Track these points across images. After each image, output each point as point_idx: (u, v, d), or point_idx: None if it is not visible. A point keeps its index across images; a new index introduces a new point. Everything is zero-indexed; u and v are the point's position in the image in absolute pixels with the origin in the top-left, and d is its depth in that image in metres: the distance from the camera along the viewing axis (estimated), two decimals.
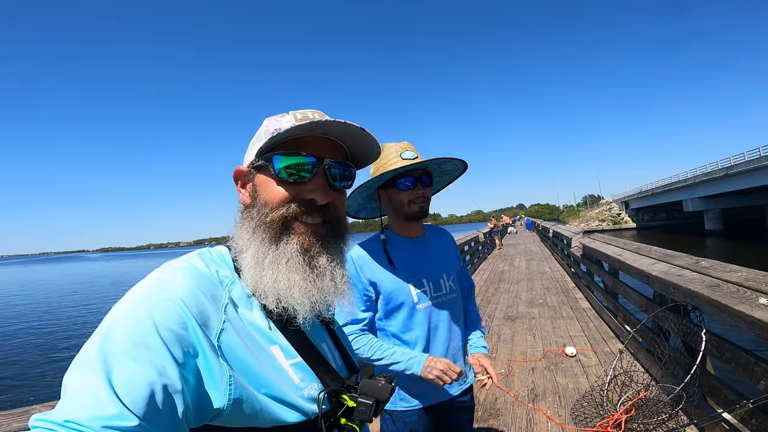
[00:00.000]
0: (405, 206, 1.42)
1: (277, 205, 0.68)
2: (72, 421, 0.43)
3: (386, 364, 1.37)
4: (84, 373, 0.47)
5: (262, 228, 0.67)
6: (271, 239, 0.67)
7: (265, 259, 0.66)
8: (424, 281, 1.45)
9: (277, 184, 0.68)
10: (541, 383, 3.52)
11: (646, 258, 3.63)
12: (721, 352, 2.21)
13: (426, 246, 1.52)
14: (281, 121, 0.70)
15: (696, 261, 2.88)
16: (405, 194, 1.41)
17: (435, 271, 1.48)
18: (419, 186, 1.40)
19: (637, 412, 2.56)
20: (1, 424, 1.09)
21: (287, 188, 0.68)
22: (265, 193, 0.69)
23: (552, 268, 10.88)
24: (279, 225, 0.67)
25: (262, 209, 0.68)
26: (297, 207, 0.68)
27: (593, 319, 5.46)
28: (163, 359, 0.50)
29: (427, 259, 1.49)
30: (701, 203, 37.81)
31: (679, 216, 48.41)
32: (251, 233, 0.68)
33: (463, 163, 1.49)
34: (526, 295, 7.54)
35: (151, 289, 0.56)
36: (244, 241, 0.68)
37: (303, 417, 0.63)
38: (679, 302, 2.69)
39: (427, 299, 1.43)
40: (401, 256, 1.45)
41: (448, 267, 1.54)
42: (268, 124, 0.72)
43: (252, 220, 0.69)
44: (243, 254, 0.68)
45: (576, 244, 7.82)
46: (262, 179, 0.70)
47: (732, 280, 2.19)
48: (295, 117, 0.70)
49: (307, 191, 0.69)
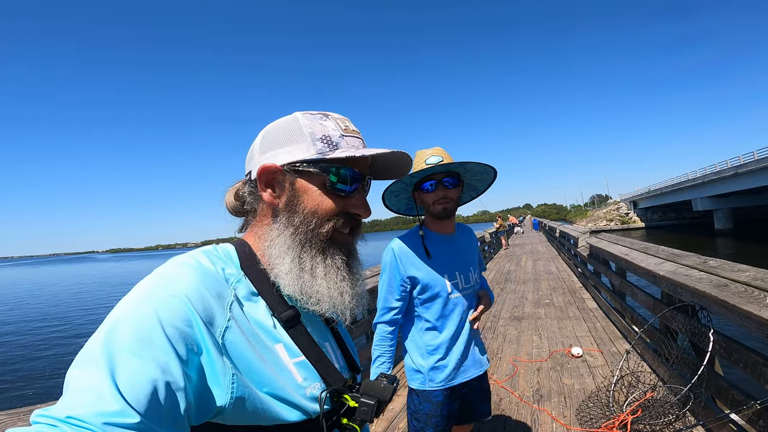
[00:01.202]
0: (430, 206, 1.58)
1: (327, 216, 0.69)
2: (73, 416, 0.43)
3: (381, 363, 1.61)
4: (87, 369, 0.47)
5: (308, 237, 0.68)
6: (319, 249, 0.68)
7: (316, 269, 0.68)
8: (457, 274, 1.61)
9: (326, 195, 0.69)
10: (546, 384, 3.50)
11: (654, 258, 3.59)
12: (729, 353, 2.18)
13: (457, 242, 1.67)
14: (326, 127, 0.70)
15: (704, 260, 2.84)
16: (429, 196, 1.57)
17: (465, 265, 1.65)
18: (440, 188, 1.55)
19: (644, 413, 2.53)
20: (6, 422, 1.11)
21: (336, 201, 0.69)
22: (313, 202, 0.68)
23: (559, 268, 10.80)
24: (328, 237, 0.69)
25: (309, 218, 0.68)
26: (343, 220, 0.71)
27: (600, 320, 5.41)
28: (166, 356, 0.50)
29: (458, 254, 1.64)
30: (711, 202, 37.35)
31: (688, 215, 47.87)
32: (291, 239, 0.68)
33: (489, 166, 1.60)
34: (532, 295, 7.49)
35: (156, 285, 0.56)
36: (281, 246, 0.68)
37: (304, 416, 0.63)
38: (687, 302, 2.66)
39: (459, 290, 1.59)
40: (436, 250, 1.60)
41: (474, 261, 1.71)
42: (310, 126, 0.70)
43: (292, 227, 0.68)
44: (279, 259, 0.67)
45: (583, 243, 7.75)
46: (306, 186, 0.69)
47: (740, 280, 2.16)
48: (338, 125, 0.71)
49: (351, 205, 0.71)
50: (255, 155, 0.72)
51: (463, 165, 1.56)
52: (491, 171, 1.64)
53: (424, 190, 1.56)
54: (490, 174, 1.66)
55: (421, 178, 1.56)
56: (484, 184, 1.73)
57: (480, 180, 1.70)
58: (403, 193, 1.66)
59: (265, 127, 0.74)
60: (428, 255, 1.56)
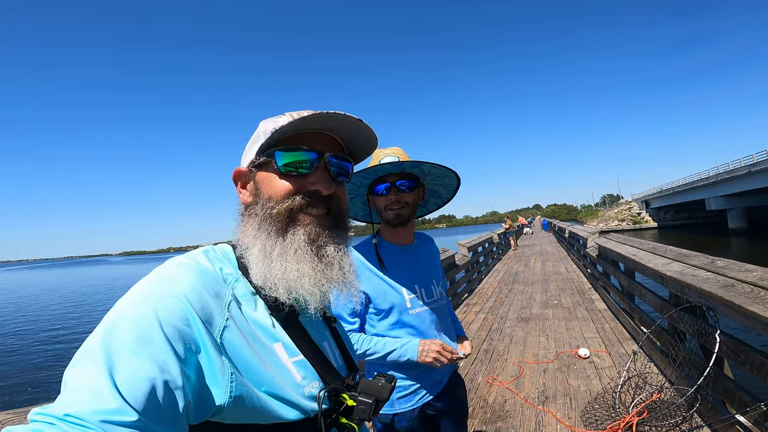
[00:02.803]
0: (382, 212, 1.41)
1: (282, 198, 0.68)
2: (71, 414, 0.43)
3: (381, 355, 1.35)
4: (85, 367, 0.47)
5: (268, 221, 0.68)
6: (277, 231, 0.67)
7: (273, 252, 0.66)
8: (416, 287, 1.44)
9: (280, 178, 0.69)
10: (552, 385, 3.47)
11: (661, 258, 3.54)
12: (736, 354, 2.15)
13: (416, 253, 1.51)
14: (278, 122, 0.71)
15: (712, 261, 2.80)
16: (381, 199, 1.40)
17: (426, 277, 1.48)
18: (394, 191, 1.38)
19: (650, 414, 2.50)
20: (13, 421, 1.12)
21: (291, 181, 0.69)
22: (269, 188, 0.69)
23: (568, 268, 10.70)
24: (285, 217, 0.68)
25: (267, 203, 0.69)
26: (302, 199, 0.69)
27: (609, 321, 5.35)
28: (165, 355, 0.50)
29: (417, 266, 1.48)
30: (724, 202, 36.70)
31: (701, 215, 47.07)
32: (257, 229, 0.68)
33: (449, 169, 1.42)
34: (540, 296, 7.44)
35: (155, 285, 0.56)
36: (250, 238, 0.69)
37: (303, 415, 0.64)
38: (694, 303, 2.62)
39: (420, 304, 1.43)
40: (392, 261, 1.43)
41: (436, 274, 1.54)
42: (265, 125, 0.73)
43: (256, 216, 0.69)
44: (249, 251, 0.68)
45: (592, 244, 7.68)
46: (264, 176, 0.71)
47: (747, 280, 2.12)
48: (291, 116, 0.71)
49: (310, 183, 0.70)
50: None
51: (420, 166, 1.38)
52: (452, 175, 1.46)
53: (377, 193, 1.40)
54: (452, 179, 1.48)
55: (375, 180, 1.40)
56: (449, 190, 1.55)
57: (442, 185, 1.53)
58: (358, 196, 1.48)
59: None
60: (382, 266, 1.40)
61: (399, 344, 1.35)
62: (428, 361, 1.33)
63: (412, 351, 1.34)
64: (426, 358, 1.33)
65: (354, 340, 1.36)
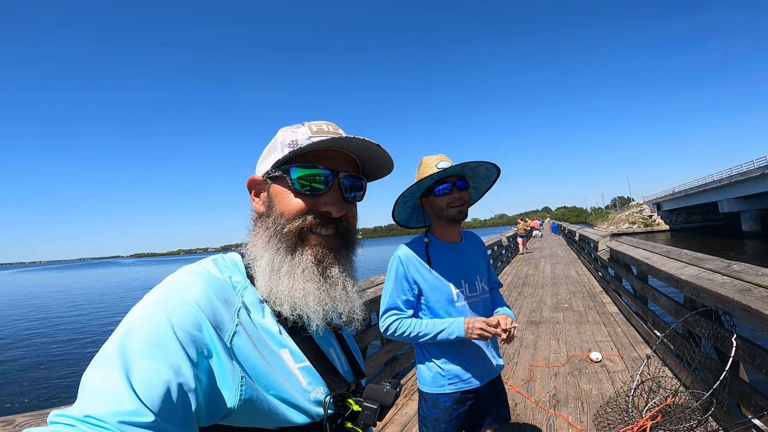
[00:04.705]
0: (444, 210, 1.56)
1: (293, 216, 0.70)
2: (91, 416, 0.45)
3: (433, 335, 1.51)
4: (103, 371, 0.49)
5: (277, 238, 0.69)
6: (286, 249, 0.69)
7: (281, 268, 0.68)
8: (462, 281, 1.59)
9: (294, 196, 0.70)
10: (563, 389, 3.45)
11: (676, 261, 3.50)
12: (753, 358, 2.12)
13: (463, 250, 1.66)
14: (297, 133, 0.72)
15: (727, 264, 2.77)
16: (443, 199, 1.55)
17: (471, 273, 1.63)
18: (455, 190, 1.54)
19: (664, 418, 2.47)
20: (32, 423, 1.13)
21: (304, 200, 0.70)
22: (282, 204, 0.71)
23: (578, 271, 10.60)
24: (295, 236, 0.69)
25: (278, 220, 0.70)
26: (313, 219, 0.70)
27: (621, 324, 5.30)
28: (179, 359, 0.52)
29: (464, 262, 1.63)
30: (737, 204, 36.07)
31: (714, 217, 46.35)
32: (266, 242, 0.70)
33: (495, 166, 1.60)
34: (550, 299, 7.38)
35: (168, 292, 0.59)
36: (259, 250, 0.71)
37: (309, 419, 0.65)
38: (710, 307, 2.59)
39: (464, 298, 1.58)
40: (442, 258, 1.59)
41: (481, 270, 1.69)
42: (283, 136, 0.73)
43: (267, 230, 0.71)
44: (257, 262, 0.70)
45: (603, 247, 7.61)
46: (277, 190, 0.72)
47: (764, 284, 2.10)
48: (310, 129, 0.72)
49: (322, 204, 0.71)
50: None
51: (477, 167, 1.56)
52: (494, 175, 1.64)
53: (437, 194, 1.54)
54: (491, 179, 1.66)
55: (434, 182, 1.55)
56: (481, 190, 1.73)
57: (484, 180, 1.69)
58: (411, 200, 1.64)
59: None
60: (429, 263, 1.56)
61: (447, 323, 1.51)
62: (474, 336, 1.47)
63: (459, 328, 1.48)
64: (472, 334, 1.47)
65: (407, 326, 1.54)
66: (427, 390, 1.60)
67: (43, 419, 1.13)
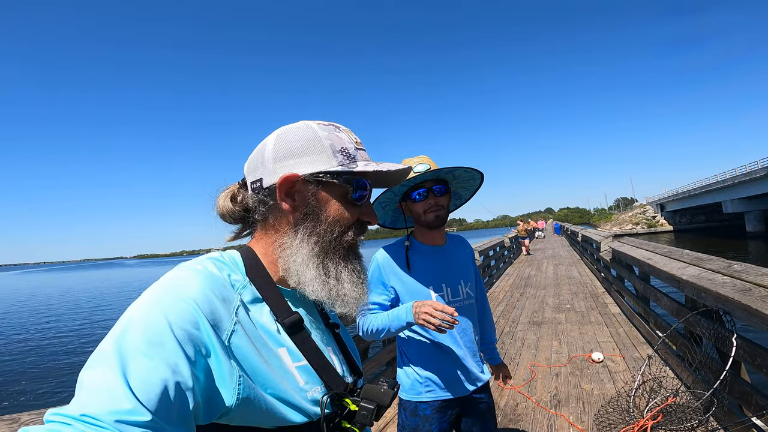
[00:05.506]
0: (421, 216, 1.51)
1: (348, 225, 0.73)
2: (87, 414, 0.44)
3: (388, 326, 1.40)
4: (100, 370, 0.49)
5: (333, 245, 0.71)
6: (342, 256, 0.72)
7: (341, 275, 0.71)
8: (443, 286, 1.54)
9: (346, 205, 0.72)
10: (564, 389, 3.46)
11: (677, 262, 3.51)
12: (753, 358, 2.13)
13: (447, 254, 1.60)
14: (343, 140, 0.72)
15: (728, 264, 2.78)
16: (420, 205, 1.51)
17: (454, 278, 1.57)
18: (431, 196, 1.49)
19: (665, 418, 2.48)
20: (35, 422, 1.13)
21: (352, 210, 0.73)
22: (335, 212, 0.71)
23: (581, 272, 10.59)
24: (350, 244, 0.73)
25: (333, 226, 0.71)
26: (359, 227, 0.75)
27: (623, 325, 5.29)
28: (176, 357, 0.51)
29: (447, 266, 1.57)
30: (741, 204, 35.87)
31: (718, 218, 46.05)
32: (314, 247, 0.70)
33: (478, 171, 1.55)
34: (553, 300, 7.38)
35: (165, 289, 0.58)
36: (304, 255, 0.69)
37: (306, 418, 0.65)
38: (711, 307, 2.60)
39: (446, 302, 1.48)
40: (424, 261, 1.54)
41: (466, 274, 1.61)
42: (329, 137, 0.71)
43: (315, 235, 0.70)
44: (302, 266, 0.69)
45: (605, 248, 7.60)
46: (326, 196, 0.71)
47: (764, 284, 2.11)
48: (349, 137, 0.75)
49: (365, 214, 0.75)
50: (267, 162, 0.71)
51: (453, 171, 1.50)
52: (478, 177, 1.58)
53: (414, 199, 1.50)
54: (476, 180, 1.61)
55: (410, 187, 1.51)
56: (469, 191, 1.67)
57: (465, 187, 1.65)
58: (391, 203, 1.60)
59: (276, 134, 0.73)
60: (408, 267, 1.52)
61: (394, 314, 1.40)
62: (420, 321, 1.32)
63: (408, 314, 1.36)
64: (418, 320, 1.33)
65: (370, 320, 1.45)
66: (406, 397, 1.53)
67: (40, 418, 1.12)
